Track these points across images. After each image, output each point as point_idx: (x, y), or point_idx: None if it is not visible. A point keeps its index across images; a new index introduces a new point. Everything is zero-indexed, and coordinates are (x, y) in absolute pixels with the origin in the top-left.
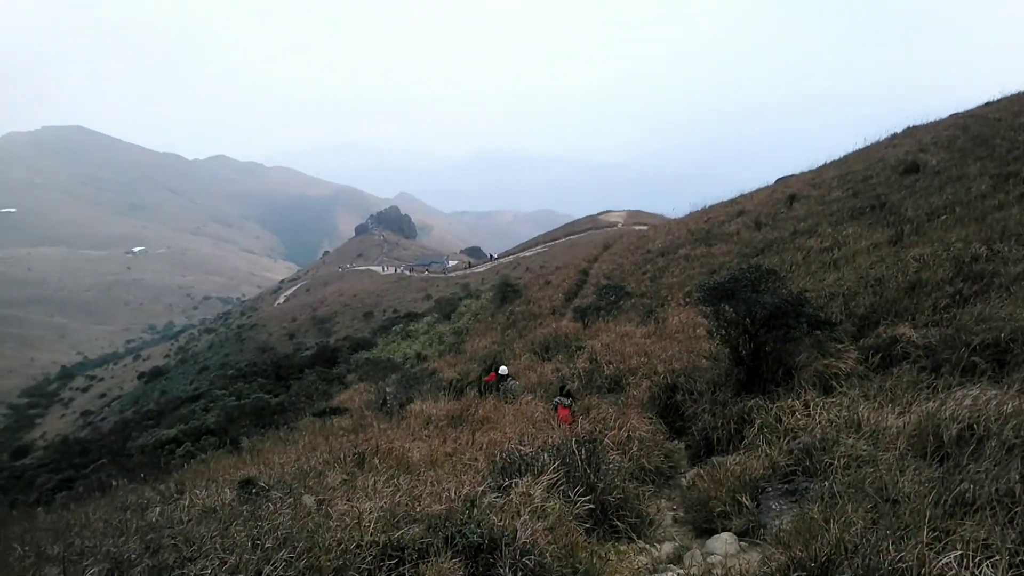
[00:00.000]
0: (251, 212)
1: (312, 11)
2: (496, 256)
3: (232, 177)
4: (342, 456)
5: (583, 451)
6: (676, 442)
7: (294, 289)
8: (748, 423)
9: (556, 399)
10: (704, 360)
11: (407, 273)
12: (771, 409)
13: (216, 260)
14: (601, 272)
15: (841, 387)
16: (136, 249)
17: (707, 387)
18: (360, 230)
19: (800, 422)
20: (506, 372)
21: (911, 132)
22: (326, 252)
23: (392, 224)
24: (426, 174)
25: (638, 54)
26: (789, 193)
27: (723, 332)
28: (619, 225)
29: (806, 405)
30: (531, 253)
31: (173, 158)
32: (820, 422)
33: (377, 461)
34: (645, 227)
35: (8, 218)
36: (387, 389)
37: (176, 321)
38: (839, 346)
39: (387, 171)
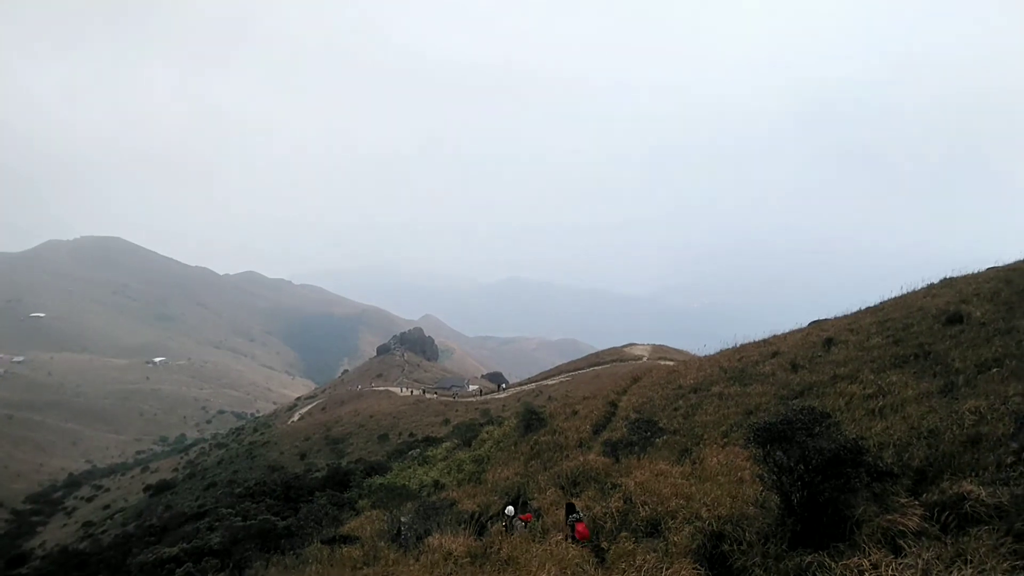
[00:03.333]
0: (274, 328)
1: (346, 148)
2: (510, 383)
3: (259, 293)
4: None
5: None
6: None
7: (310, 407)
8: None
9: (571, 517)
10: (751, 507)
11: (426, 395)
12: (834, 568)
13: (234, 374)
14: (631, 405)
15: (910, 547)
16: (157, 359)
17: (757, 537)
18: (382, 350)
19: None
20: (512, 513)
21: (949, 283)
22: (345, 371)
23: (414, 345)
24: (453, 297)
25: (666, 195)
26: (826, 336)
27: (774, 477)
28: (644, 359)
29: (875, 566)
30: (554, 382)
31: (204, 272)
32: None
33: None
34: (672, 362)
35: (36, 322)
36: (402, 519)
37: (188, 434)
38: (901, 500)
39: (414, 293)
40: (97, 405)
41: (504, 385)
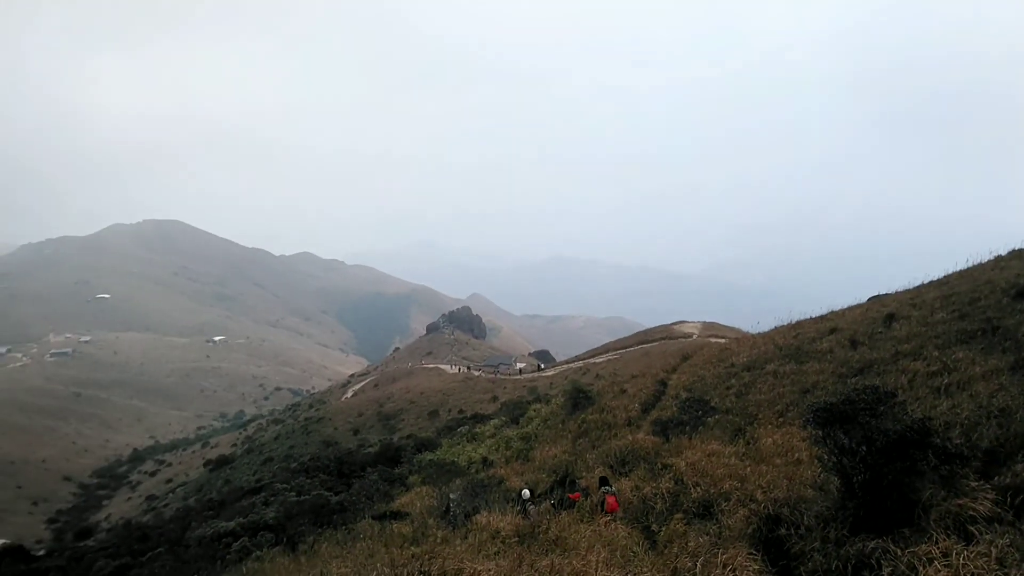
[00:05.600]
0: (329, 307)
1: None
2: (557, 361)
3: (314, 273)
4: (405, 575)
5: None
6: None
7: (363, 384)
8: (869, 568)
9: (603, 490)
10: (809, 490)
11: (474, 373)
12: (901, 555)
13: (291, 352)
14: (681, 384)
15: (982, 534)
16: (217, 338)
17: (816, 521)
18: (431, 328)
19: (940, 574)
20: (528, 496)
21: (1019, 255)
22: (396, 348)
23: (463, 324)
24: (500, 276)
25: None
26: (887, 312)
27: (835, 459)
28: (694, 336)
29: (945, 554)
30: (602, 360)
31: (261, 253)
32: None
33: None
34: (724, 340)
35: (102, 303)
36: (451, 496)
37: (247, 410)
38: (971, 484)
39: (462, 271)
40: (160, 383)
41: (542, 365)
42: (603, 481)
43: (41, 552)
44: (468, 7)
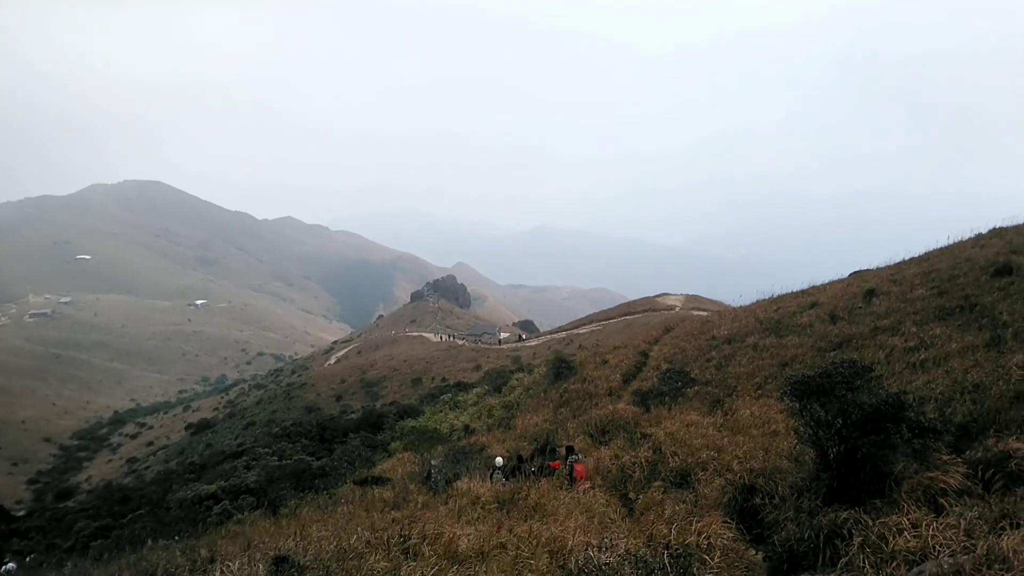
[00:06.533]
0: (312, 272)
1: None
2: (541, 332)
3: (298, 238)
4: (386, 539)
5: (676, 569)
6: (754, 552)
7: (346, 351)
8: (841, 538)
9: (570, 458)
10: (784, 461)
11: (458, 342)
12: (872, 525)
13: (273, 317)
14: (662, 355)
15: (951, 506)
16: (199, 302)
17: (791, 492)
18: (416, 296)
19: (910, 544)
20: (500, 463)
21: (999, 233)
22: (380, 316)
23: (447, 292)
24: (485, 245)
25: (699, 134)
26: (867, 287)
27: (811, 431)
28: (677, 309)
29: (914, 525)
30: (585, 331)
31: (244, 217)
32: (939, 548)
33: (426, 549)
34: (705, 312)
35: (83, 264)
36: (432, 462)
37: (229, 375)
38: (943, 457)
39: (447, 239)
40: (141, 346)
41: (523, 336)
42: (570, 450)
43: (22, 512)
44: None
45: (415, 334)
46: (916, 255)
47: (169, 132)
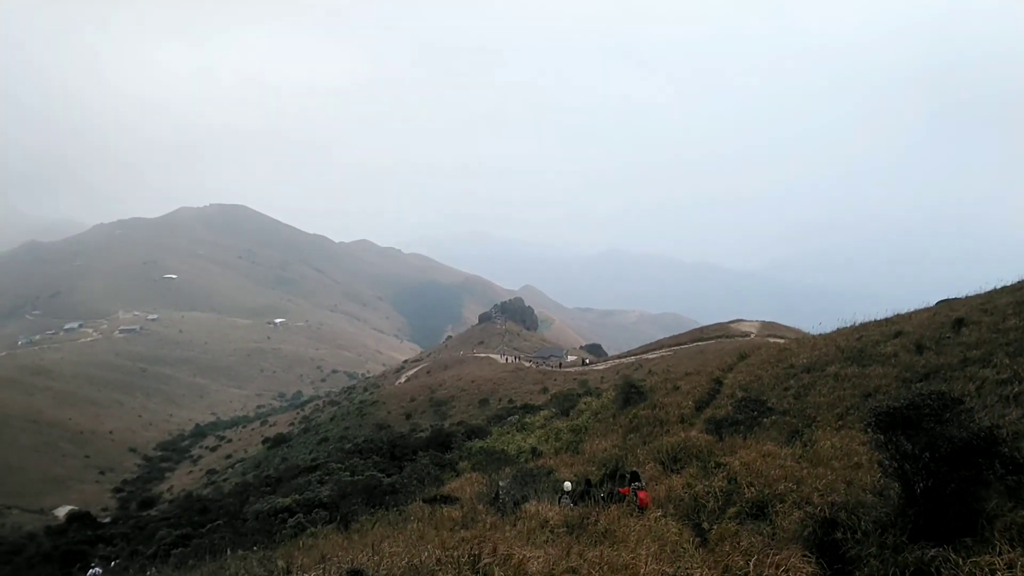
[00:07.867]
0: (385, 293)
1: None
2: (609, 356)
3: (371, 260)
4: (456, 557)
5: None
6: None
7: (416, 370)
8: None
9: (634, 485)
10: (868, 495)
11: (525, 364)
12: (962, 564)
13: (347, 336)
14: (737, 383)
15: None
16: (277, 320)
17: (874, 527)
18: (483, 318)
19: None
20: (569, 488)
21: None
22: (449, 336)
23: (515, 315)
24: (553, 268)
25: (771, 172)
26: (956, 317)
27: (896, 465)
28: (752, 335)
29: (1009, 566)
30: (655, 356)
31: (321, 239)
32: None
33: (496, 569)
34: (783, 340)
35: (169, 283)
36: (500, 483)
37: (304, 391)
38: None
39: (515, 262)
40: (223, 362)
41: (587, 360)
42: (634, 476)
43: (107, 519)
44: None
45: (482, 355)
46: (1009, 284)
47: (253, 157)
